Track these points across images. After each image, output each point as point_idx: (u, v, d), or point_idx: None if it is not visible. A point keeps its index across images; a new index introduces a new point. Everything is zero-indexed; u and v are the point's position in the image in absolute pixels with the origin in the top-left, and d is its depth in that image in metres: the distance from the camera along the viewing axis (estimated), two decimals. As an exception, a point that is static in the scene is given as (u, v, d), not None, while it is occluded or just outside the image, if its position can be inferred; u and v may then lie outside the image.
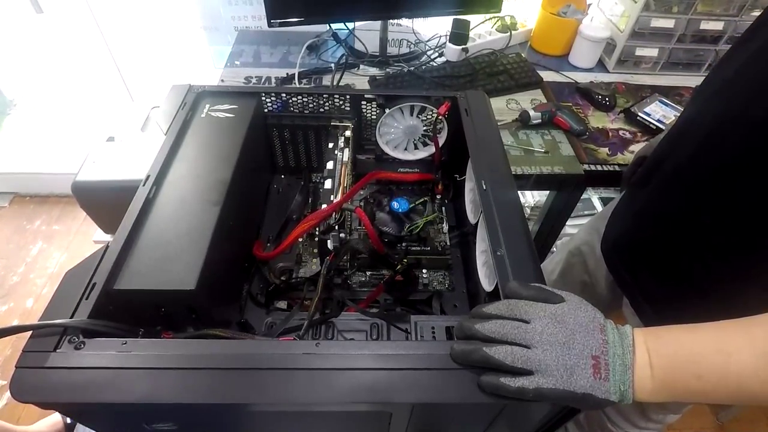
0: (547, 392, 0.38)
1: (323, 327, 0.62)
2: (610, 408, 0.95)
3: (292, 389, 0.40)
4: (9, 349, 1.48)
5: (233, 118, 0.70)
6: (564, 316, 0.41)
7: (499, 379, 0.39)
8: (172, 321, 0.52)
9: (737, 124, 0.55)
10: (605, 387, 0.38)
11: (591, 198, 1.54)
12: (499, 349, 0.40)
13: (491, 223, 0.54)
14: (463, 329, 0.43)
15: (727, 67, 0.62)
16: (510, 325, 0.41)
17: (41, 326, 0.42)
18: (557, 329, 0.40)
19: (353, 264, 0.70)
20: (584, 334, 0.40)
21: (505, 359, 0.39)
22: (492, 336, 0.41)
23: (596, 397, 0.38)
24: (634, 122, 1.13)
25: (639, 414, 0.90)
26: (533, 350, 0.39)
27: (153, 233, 0.53)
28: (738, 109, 0.55)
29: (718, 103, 0.60)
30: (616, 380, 0.39)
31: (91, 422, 0.50)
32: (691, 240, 0.62)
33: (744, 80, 0.56)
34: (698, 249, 0.61)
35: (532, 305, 0.42)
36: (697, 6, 1.21)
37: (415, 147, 0.81)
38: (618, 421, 0.95)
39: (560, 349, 0.39)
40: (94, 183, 0.70)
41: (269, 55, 1.33)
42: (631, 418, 0.92)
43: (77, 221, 1.86)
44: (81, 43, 1.59)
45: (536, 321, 0.41)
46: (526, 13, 1.44)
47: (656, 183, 0.69)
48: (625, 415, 0.93)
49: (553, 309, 0.41)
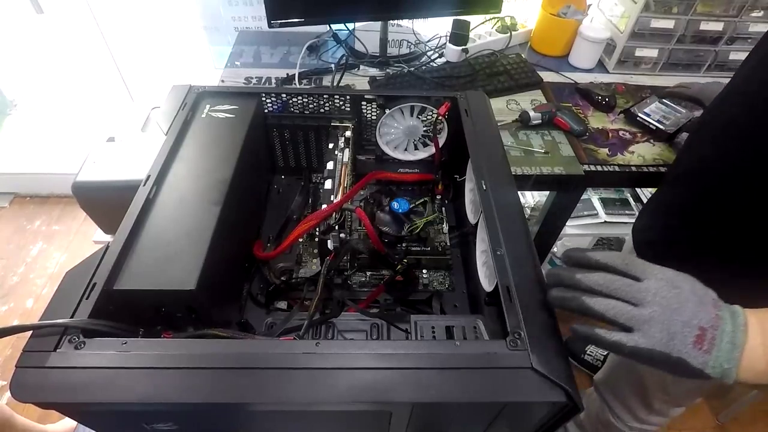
0: (645, 352, 0.39)
1: (323, 327, 0.62)
2: (614, 401, 0.96)
3: (292, 389, 0.40)
4: (9, 349, 1.48)
5: (233, 119, 0.70)
6: (680, 283, 0.41)
7: (594, 330, 0.41)
8: (172, 321, 0.52)
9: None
10: (703, 359, 0.38)
11: (591, 198, 1.54)
12: (600, 302, 0.40)
13: (491, 223, 0.54)
14: (562, 278, 0.43)
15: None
16: (620, 282, 0.41)
17: (41, 326, 0.42)
18: (671, 294, 0.40)
19: (353, 264, 0.70)
20: (696, 304, 0.40)
21: (606, 312, 0.40)
22: (596, 288, 0.41)
23: (690, 364, 0.38)
24: (633, 123, 1.13)
25: (644, 407, 0.90)
26: (640, 309, 0.40)
27: (153, 233, 0.53)
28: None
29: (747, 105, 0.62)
30: (719, 356, 0.39)
31: (91, 422, 0.50)
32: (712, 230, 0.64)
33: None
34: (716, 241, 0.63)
35: (649, 265, 0.42)
36: (697, 7, 1.21)
37: (415, 147, 0.81)
38: (622, 414, 0.95)
39: (669, 313, 0.39)
40: (94, 183, 0.70)
41: (269, 56, 1.33)
42: (636, 412, 0.92)
43: (77, 221, 1.86)
44: (81, 44, 1.59)
45: (651, 281, 0.41)
46: (526, 13, 1.44)
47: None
48: (630, 407, 0.93)
49: (670, 273, 0.42)
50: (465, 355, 0.43)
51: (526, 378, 0.41)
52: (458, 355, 0.43)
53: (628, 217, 1.39)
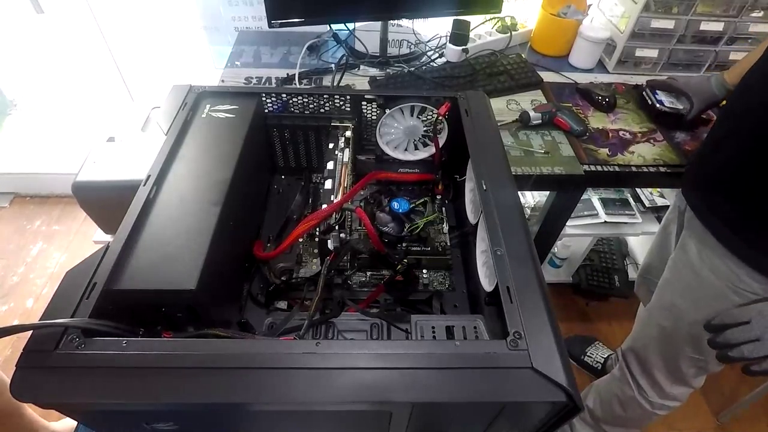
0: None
1: (323, 327, 0.62)
2: (639, 368, 1.00)
3: (292, 389, 0.40)
4: (9, 349, 1.48)
5: (234, 119, 0.70)
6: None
7: (753, 368, 0.64)
8: (172, 321, 0.52)
9: None
10: None
11: (591, 198, 1.54)
12: (738, 350, 0.64)
13: (491, 223, 0.54)
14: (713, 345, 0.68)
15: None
16: (740, 332, 0.65)
17: (42, 326, 0.42)
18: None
19: (353, 264, 0.70)
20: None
21: (749, 355, 0.64)
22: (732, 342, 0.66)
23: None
24: (646, 107, 1.16)
25: (669, 374, 0.93)
26: (763, 341, 0.64)
27: (153, 233, 0.53)
28: None
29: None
30: None
31: (90, 422, 0.50)
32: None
33: None
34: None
35: (746, 309, 0.67)
36: (697, 7, 1.21)
37: (415, 147, 0.81)
38: (645, 386, 0.98)
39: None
40: (94, 183, 0.70)
41: (269, 56, 1.33)
42: (661, 382, 0.95)
43: (77, 221, 1.86)
44: (81, 43, 1.59)
45: (755, 319, 0.65)
46: (526, 13, 1.44)
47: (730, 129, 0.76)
48: (654, 377, 0.96)
49: (759, 306, 0.67)
50: (465, 355, 0.43)
51: (526, 378, 0.41)
52: (458, 355, 0.43)
53: (628, 217, 1.39)
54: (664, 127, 1.13)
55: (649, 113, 1.16)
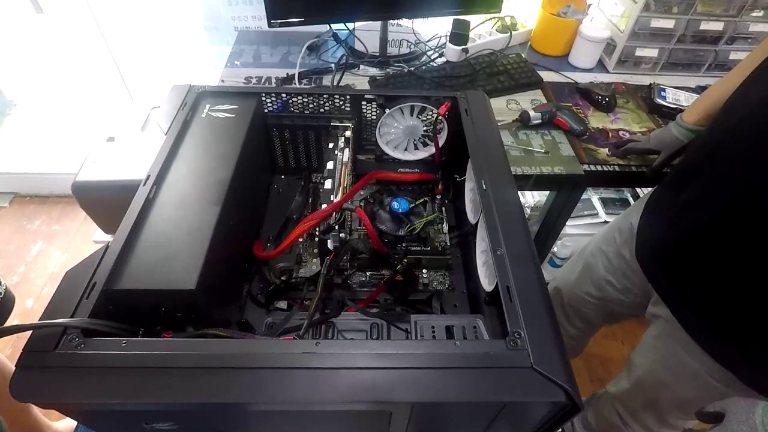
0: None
1: (323, 327, 0.62)
2: (625, 411, 0.94)
3: (292, 389, 0.40)
4: (9, 349, 1.48)
5: (233, 119, 0.70)
6: None
7: None
8: (172, 321, 0.52)
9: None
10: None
11: (591, 198, 1.54)
12: None
13: (491, 223, 0.54)
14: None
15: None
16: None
17: (41, 326, 0.42)
18: None
19: (353, 264, 0.70)
20: None
21: None
22: None
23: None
24: (656, 110, 1.17)
25: (655, 418, 0.89)
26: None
27: (153, 233, 0.53)
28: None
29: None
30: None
31: (91, 422, 0.50)
32: (739, 246, 0.62)
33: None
34: (747, 255, 0.61)
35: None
36: (697, 6, 1.21)
37: (415, 147, 0.81)
38: (633, 424, 0.94)
39: None
40: (94, 183, 0.70)
41: (269, 56, 1.33)
42: (647, 423, 0.91)
43: (77, 221, 1.86)
44: (81, 43, 1.59)
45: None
46: (526, 13, 1.44)
47: (700, 185, 0.68)
48: (640, 419, 0.92)
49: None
50: (465, 354, 0.43)
51: (526, 378, 0.41)
52: (458, 355, 0.43)
53: (628, 216, 1.39)
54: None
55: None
